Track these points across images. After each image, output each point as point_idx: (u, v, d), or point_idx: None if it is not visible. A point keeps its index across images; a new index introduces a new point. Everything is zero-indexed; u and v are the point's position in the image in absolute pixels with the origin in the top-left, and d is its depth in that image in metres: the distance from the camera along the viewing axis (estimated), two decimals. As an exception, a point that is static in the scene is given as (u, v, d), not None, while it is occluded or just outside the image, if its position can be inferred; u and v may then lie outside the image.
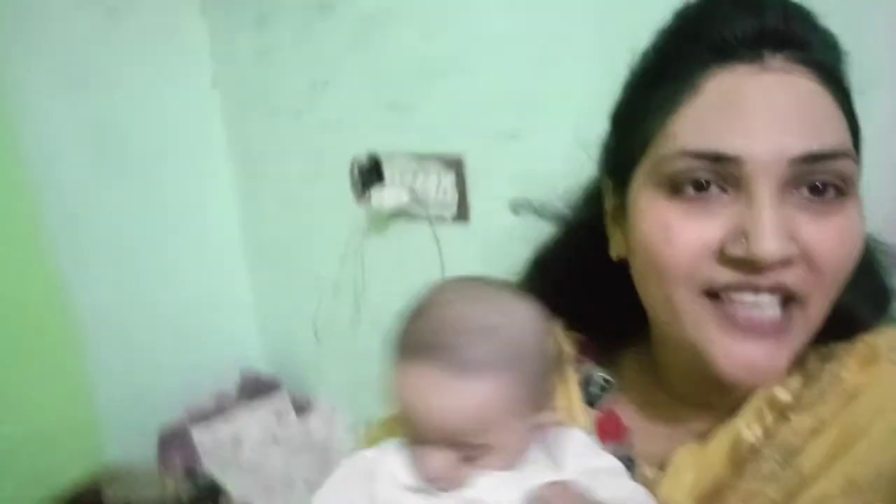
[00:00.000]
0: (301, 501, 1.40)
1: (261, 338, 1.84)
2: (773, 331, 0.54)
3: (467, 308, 0.58)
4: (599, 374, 0.70)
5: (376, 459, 0.64)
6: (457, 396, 0.55)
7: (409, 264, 1.38)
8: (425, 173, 1.27)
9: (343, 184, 1.44)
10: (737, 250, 0.52)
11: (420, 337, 0.57)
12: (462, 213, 1.25)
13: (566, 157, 1.07)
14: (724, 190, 0.53)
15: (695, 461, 0.60)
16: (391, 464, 0.61)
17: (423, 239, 1.32)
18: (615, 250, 0.64)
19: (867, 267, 0.61)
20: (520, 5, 1.13)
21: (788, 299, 0.54)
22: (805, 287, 0.53)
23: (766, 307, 0.54)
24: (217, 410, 1.64)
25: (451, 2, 1.21)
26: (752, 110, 0.52)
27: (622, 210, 0.61)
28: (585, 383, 0.70)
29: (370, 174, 1.38)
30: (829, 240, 0.52)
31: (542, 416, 0.60)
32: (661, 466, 0.62)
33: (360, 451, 0.67)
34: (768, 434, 0.58)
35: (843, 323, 0.60)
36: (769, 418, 0.59)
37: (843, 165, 0.52)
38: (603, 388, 0.70)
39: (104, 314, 1.56)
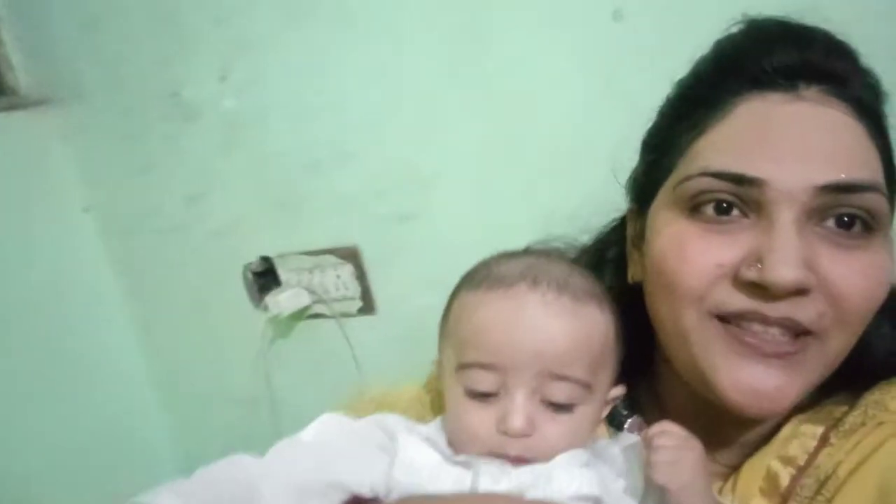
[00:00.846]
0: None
1: (178, 468, 1.69)
2: (782, 356, 0.51)
3: (545, 258, 0.58)
4: (620, 409, 0.67)
5: (399, 427, 0.56)
6: (575, 319, 0.52)
7: (321, 366, 1.32)
8: (321, 269, 1.22)
9: (238, 292, 1.37)
10: (751, 274, 0.50)
11: (510, 271, 0.54)
12: (367, 304, 1.20)
13: (467, 229, 1.06)
14: (745, 214, 0.52)
15: (728, 499, 0.57)
16: (429, 432, 0.55)
17: (331, 338, 1.27)
18: (632, 274, 0.63)
19: None
20: (389, 82, 1.11)
21: (803, 333, 0.52)
22: (822, 322, 0.51)
23: (776, 336, 0.52)
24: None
25: (315, 89, 1.19)
26: (781, 136, 0.51)
27: (643, 234, 0.60)
28: (609, 418, 0.66)
29: (265, 278, 1.32)
30: (852, 274, 0.51)
31: (615, 390, 0.58)
32: None
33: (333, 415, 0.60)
34: (809, 462, 0.56)
35: (876, 369, 0.59)
36: (810, 444, 0.57)
37: (872, 199, 0.51)
38: (622, 416, 0.67)
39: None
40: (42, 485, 1.48)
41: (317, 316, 1.28)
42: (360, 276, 1.18)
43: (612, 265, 0.70)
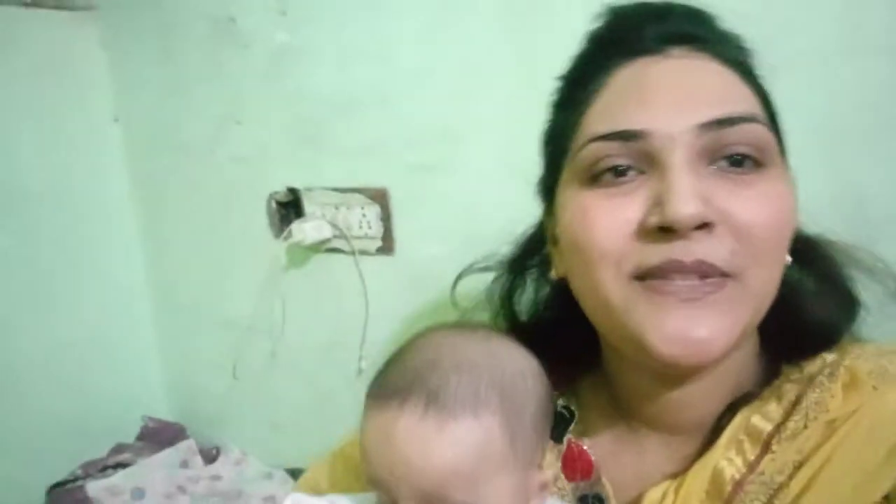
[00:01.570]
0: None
1: (165, 385, 1.74)
2: (702, 298, 0.52)
3: (450, 348, 0.54)
4: (561, 404, 0.67)
5: None
6: (436, 441, 0.49)
7: (331, 300, 1.36)
8: (348, 206, 1.27)
9: (259, 220, 1.41)
10: (654, 219, 0.52)
11: (395, 379, 0.53)
12: (387, 245, 1.26)
13: (491, 186, 1.12)
14: (641, 171, 0.54)
15: (671, 499, 0.57)
16: None
17: (345, 273, 1.32)
18: (556, 270, 0.64)
19: (828, 272, 0.62)
20: (437, 38, 1.16)
21: (720, 276, 0.52)
22: (735, 261, 0.52)
23: (694, 283, 0.52)
24: (115, 463, 1.53)
25: (367, 35, 1.23)
26: (656, 88, 0.54)
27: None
28: (553, 428, 0.65)
29: (289, 209, 1.36)
30: (752, 205, 0.52)
31: (535, 476, 0.55)
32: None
33: (300, 496, 0.62)
34: (752, 468, 0.55)
35: (815, 335, 0.59)
36: (749, 449, 0.56)
37: (755, 131, 0.53)
38: (565, 420, 0.67)
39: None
40: (27, 379, 1.51)
41: (335, 251, 1.33)
42: (385, 217, 1.24)
43: (536, 271, 0.73)
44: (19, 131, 1.50)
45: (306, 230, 1.27)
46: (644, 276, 0.53)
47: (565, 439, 0.66)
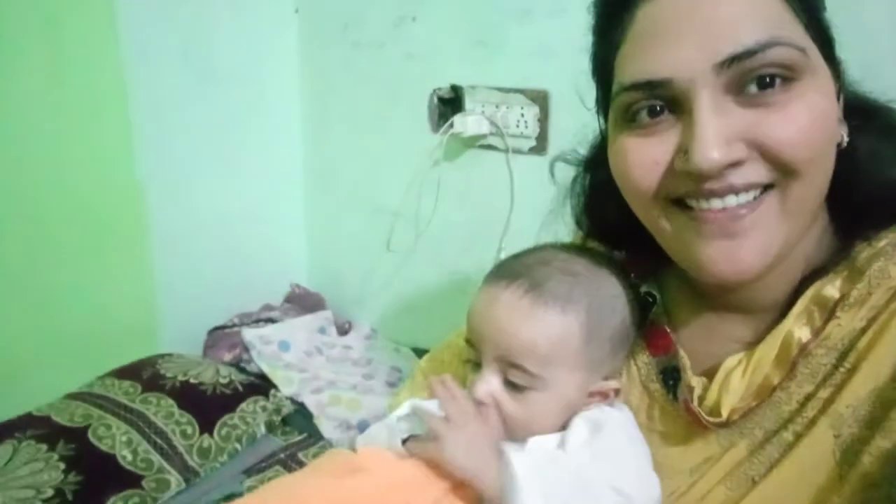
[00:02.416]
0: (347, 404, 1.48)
1: (309, 256, 1.91)
2: (744, 222, 0.54)
3: (562, 256, 0.65)
4: (644, 290, 0.72)
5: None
6: (525, 319, 0.59)
7: (479, 193, 1.46)
8: (508, 105, 1.34)
9: (420, 115, 1.51)
10: (680, 164, 0.54)
11: (508, 267, 0.64)
12: (541, 145, 1.32)
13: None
14: (672, 112, 0.55)
15: (743, 367, 0.60)
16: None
17: (496, 169, 1.40)
18: None
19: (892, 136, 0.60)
20: None
21: (764, 189, 0.54)
22: (772, 177, 0.53)
23: (737, 200, 0.54)
24: (266, 318, 1.72)
25: None
26: (672, 30, 0.53)
27: None
28: (640, 307, 0.71)
29: (451, 104, 1.45)
30: (781, 129, 0.52)
31: (599, 382, 0.63)
32: (710, 376, 0.63)
33: (417, 401, 0.69)
34: (818, 333, 0.58)
35: (884, 204, 0.59)
36: (818, 317, 0.59)
37: (780, 54, 0.51)
38: (648, 304, 0.71)
39: (174, 222, 1.63)
40: (200, 237, 1.70)
41: (489, 147, 1.41)
42: (543, 118, 1.31)
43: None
44: (216, 17, 1.65)
45: (467, 123, 1.36)
46: (679, 200, 0.56)
47: (649, 320, 0.71)
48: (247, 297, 1.77)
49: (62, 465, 1.17)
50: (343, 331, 1.79)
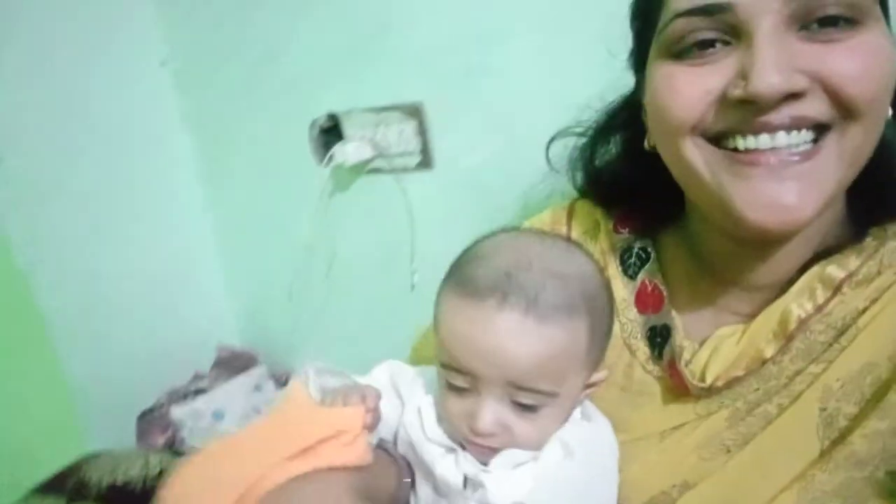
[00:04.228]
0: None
1: (234, 312, 1.82)
2: (794, 165, 0.51)
3: (539, 254, 0.58)
4: (638, 245, 0.70)
5: (413, 386, 0.64)
6: (534, 339, 0.54)
7: (377, 218, 1.39)
8: (386, 125, 1.28)
9: (304, 147, 1.44)
10: (737, 92, 0.51)
11: (484, 278, 0.56)
12: (426, 160, 1.26)
13: (527, 94, 1.10)
14: (727, 44, 0.53)
15: (737, 337, 0.60)
16: (425, 409, 0.61)
17: (388, 191, 1.34)
18: (648, 141, 0.65)
19: None
20: None
21: (819, 128, 0.52)
22: (834, 116, 0.51)
23: (788, 140, 0.51)
24: (195, 389, 1.63)
25: None
26: None
27: None
28: (623, 254, 0.70)
29: (330, 134, 1.38)
30: (843, 62, 0.50)
31: (597, 375, 0.61)
32: (701, 343, 0.62)
33: (395, 362, 0.69)
34: (819, 309, 0.57)
35: None
36: (821, 294, 0.57)
37: None
38: (641, 259, 0.70)
39: (70, 303, 1.53)
40: (114, 317, 1.61)
41: (377, 171, 1.34)
42: (422, 132, 1.24)
43: (621, 139, 0.74)
44: (90, 74, 1.56)
45: (348, 151, 1.29)
46: (724, 136, 0.53)
47: (640, 277, 0.69)
48: (172, 370, 1.68)
49: None
50: (282, 383, 1.71)
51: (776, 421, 0.56)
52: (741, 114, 0.52)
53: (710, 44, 0.53)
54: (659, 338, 0.65)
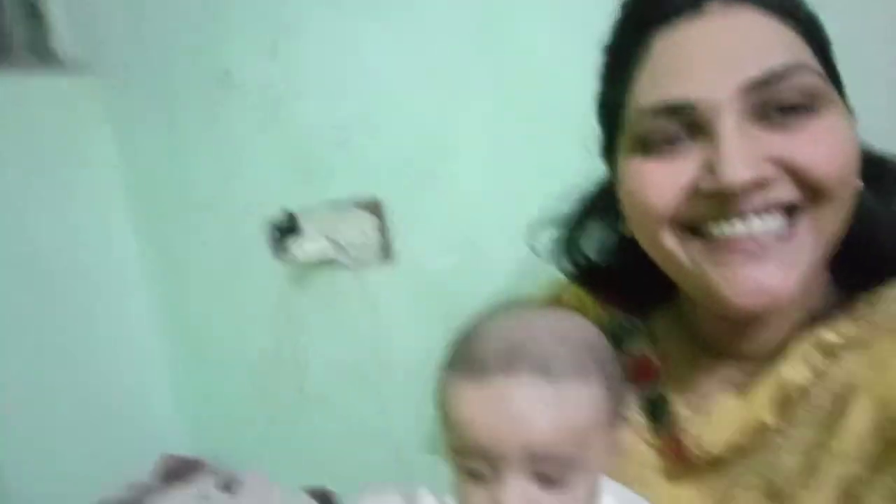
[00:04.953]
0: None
1: (182, 420, 1.77)
2: (771, 248, 0.53)
3: (539, 324, 0.57)
4: (629, 322, 0.70)
5: None
6: (553, 406, 0.52)
7: (340, 315, 1.42)
8: (345, 221, 1.35)
9: (263, 250, 1.47)
10: (707, 184, 0.53)
11: (486, 355, 0.54)
12: (386, 255, 1.33)
13: (482, 193, 1.20)
14: (692, 138, 0.54)
15: (737, 407, 0.59)
16: None
17: (350, 288, 1.38)
18: (625, 228, 0.65)
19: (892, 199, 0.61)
20: (416, 61, 1.23)
21: (790, 210, 0.53)
22: (801, 199, 0.53)
23: (763, 226, 0.53)
24: (128, 500, 1.56)
25: (356, 66, 1.30)
26: (696, 54, 0.53)
27: None
28: (614, 331, 0.69)
29: (287, 231, 1.43)
30: (807, 149, 0.52)
31: (620, 434, 0.58)
32: (699, 413, 0.61)
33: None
34: (818, 374, 0.56)
35: (890, 261, 0.59)
36: (818, 360, 0.57)
37: (801, 80, 0.52)
38: (633, 334, 0.70)
39: (12, 404, 1.48)
40: (58, 438, 1.55)
41: (336, 267, 1.39)
42: (382, 228, 1.32)
43: (600, 215, 0.75)
44: (31, 197, 1.56)
45: (304, 250, 1.34)
46: (700, 225, 0.54)
47: (633, 351, 0.69)
48: (111, 479, 1.59)
49: None
50: (229, 488, 1.65)
51: (800, 498, 0.55)
52: (713, 203, 0.53)
53: (675, 138, 0.55)
54: (656, 408, 0.65)
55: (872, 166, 0.59)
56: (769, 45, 0.53)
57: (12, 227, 1.53)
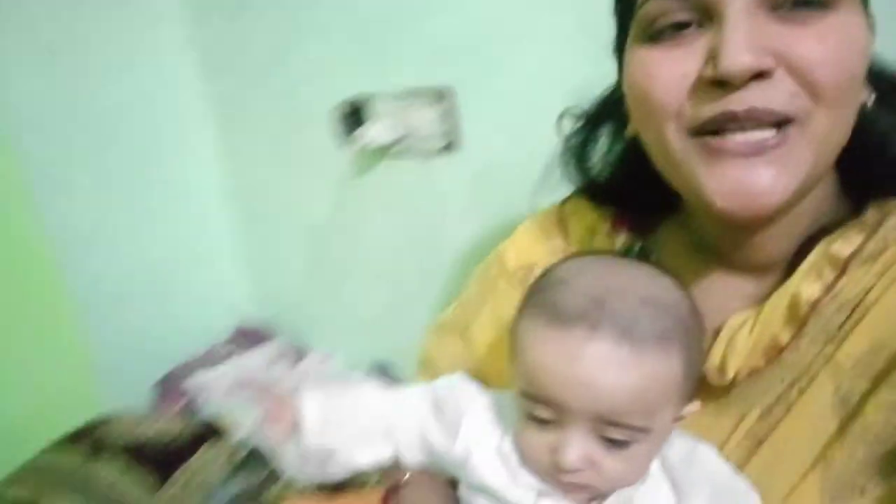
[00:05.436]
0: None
1: (251, 289, 1.86)
2: (764, 151, 0.51)
3: (628, 280, 0.55)
4: (638, 245, 0.69)
5: (465, 408, 0.60)
6: (627, 372, 0.50)
7: (402, 202, 1.43)
8: (414, 108, 1.32)
9: (328, 130, 1.48)
10: (709, 71, 0.52)
11: (571, 304, 0.53)
12: (452, 144, 1.30)
13: (552, 84, 1.14)
14: (701, 25, 0.53)
15: (750, 325, 0.58)
16: (508, 452, 0.56)
17: (413, 174, 1.38)
18: (629, 128, 0.64)
19: None
20: None
21: (784, 122, 0.52)
22: (796, 103, 0.51)
23: (758, 133, 0.52)
24: (212, 361, 1.68)
25: None
26: None
27: None
28: (620, 253, 0.69)
29: (355, 116, 1.42)
30: (813, 45, 0.50)
31: (688, 407, 0.57)
32: (714, 334, 0.60)
33: (443, 383, 0.65)
34: (829, 289, 0.56)
35: None
36: (829, 274, 0.56)
37: None
38: (639, 253, 0.69)
39: (93, 277, 1.58)
40: (132, 291, 1.67)
41: (402, 153, 1.39)
42: (449, 116, 1.29)
43: (611, 129, 0.74)
44: (105, 61, 1.60)
45: (373, 133, 1.33)
46: (700, 130, 0.53)
47: None
48: (190, 341, 1.72)
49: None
50: (297, 359, 1.75)
51: (795, 406, 0.56)
52: (713, 99, 0.52)
53: (685, 25, 0.53)
54: None
55: (887, 81, 0.58)
56: None
57: (84, 81, 1.57)
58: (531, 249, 0.78)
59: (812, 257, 0.57)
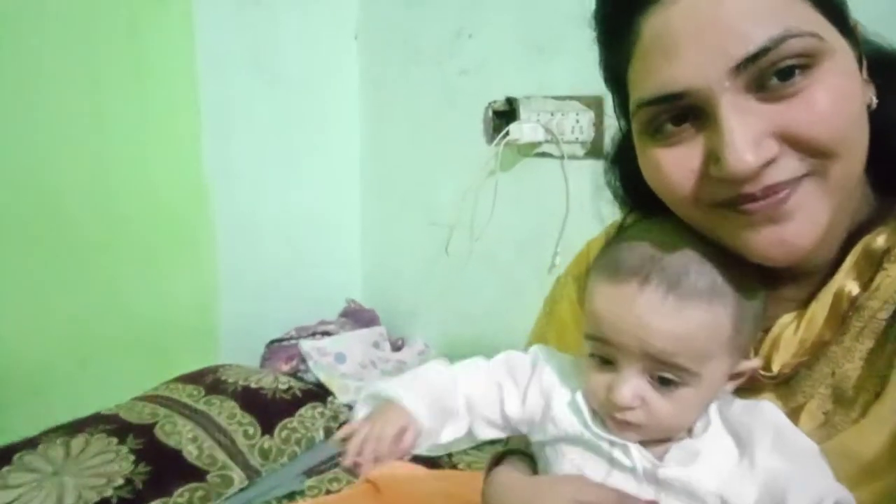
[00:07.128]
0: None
1: (364, 270, 1.94)
2: (787, 206, 0.53)
3: (679, 240, 0.59)
4: None
5: (554, 390, 0.64)
6: (673, 318, 0.55)
7: (534, 200, 1.48)
8: (563, 113, 1.38)
9: (475, 127, 1.54)
10: (715, 171, 0.53)
11: (630, 260, 0.58)
12: (596, 150, 1.35)
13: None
14: (697, 118, 0.54)
15: (796, 324, 0.60)
16: (581, 404, 0.61)
17: (551, 176, 1.42)
18: None
19: None
20: None
21: (802, 178, 0.53)
22: (807, 163, 0.52)
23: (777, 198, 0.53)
24: (322, 331, 1.75)
25: None
26: (681, 40, 0.52)
27: None
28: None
29: (505, 116, 1.49)
30: (808, 115, 0.51)
31: (745, 363, 0.60)
32: (763, 336, 0.62)
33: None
34: (866, 286, 0.57)
35: None
36: (866, 270, 0.58)
37: (794, 45, 0.50)
38: None
39: (238, 220, 1.70)
40: (258, 246, 1.77)
41: (544, 154, 1.44)
42: (598, 123, 1.34)
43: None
44: (284, 29, 1.75)
45: (523, 130, 1.39)
46: (721, 205, 0.55)
47: None
48: (304, 310, 1.81)
49: (132, 458, 1.20)
50: (396, 347, 1.80)
51: (874, 406, 0.56)
52: (727, 186, 0.53)
53: (682, 118, 0.54)
54: None
55: (893, 66, 0.58)
56: (754, 15, 0.51)
57: (266, 45, 1.71)
58: None
59: (852, 256, 0.59)
